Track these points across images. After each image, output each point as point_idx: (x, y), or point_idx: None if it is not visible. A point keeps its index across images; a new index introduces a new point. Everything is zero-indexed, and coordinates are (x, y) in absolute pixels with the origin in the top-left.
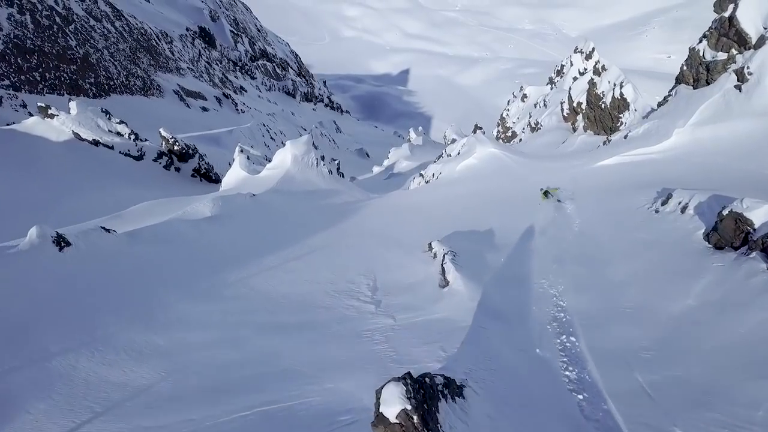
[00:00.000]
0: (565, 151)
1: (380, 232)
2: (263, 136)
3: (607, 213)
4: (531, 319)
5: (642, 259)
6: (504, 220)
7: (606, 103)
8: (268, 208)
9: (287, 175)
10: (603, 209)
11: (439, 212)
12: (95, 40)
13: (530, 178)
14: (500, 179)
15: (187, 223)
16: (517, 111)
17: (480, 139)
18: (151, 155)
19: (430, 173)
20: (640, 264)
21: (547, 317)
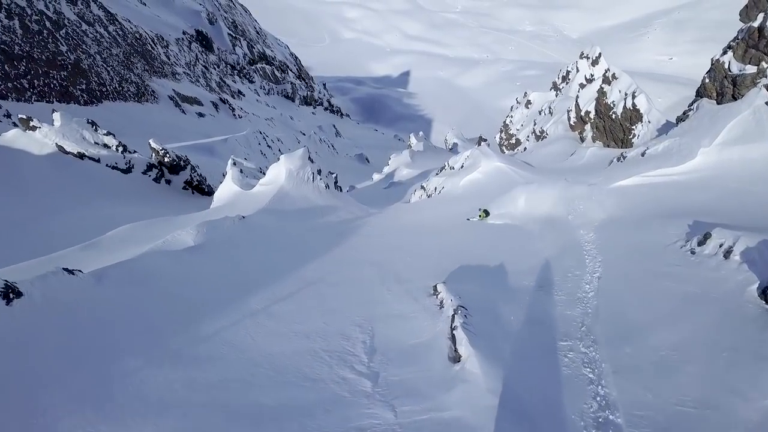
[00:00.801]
0: (574, 165)
1: (378, 261)
2: (259, 144)
3: (633, 250)
4: (566, 423)
5: (689, 323)
6: (514, 248)
7: (617, 113)
8: (257, 232)
9: (281, 191)
10: (628, 244)
11: (442, 236)
12: (87, 45)
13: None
14: (507, 196)
15: (166, 256)
16: (521, 118)
17: (485, 152)
18: (140, 168)
19: (432, 186)
20: (688, 331)
21: (587, 418)
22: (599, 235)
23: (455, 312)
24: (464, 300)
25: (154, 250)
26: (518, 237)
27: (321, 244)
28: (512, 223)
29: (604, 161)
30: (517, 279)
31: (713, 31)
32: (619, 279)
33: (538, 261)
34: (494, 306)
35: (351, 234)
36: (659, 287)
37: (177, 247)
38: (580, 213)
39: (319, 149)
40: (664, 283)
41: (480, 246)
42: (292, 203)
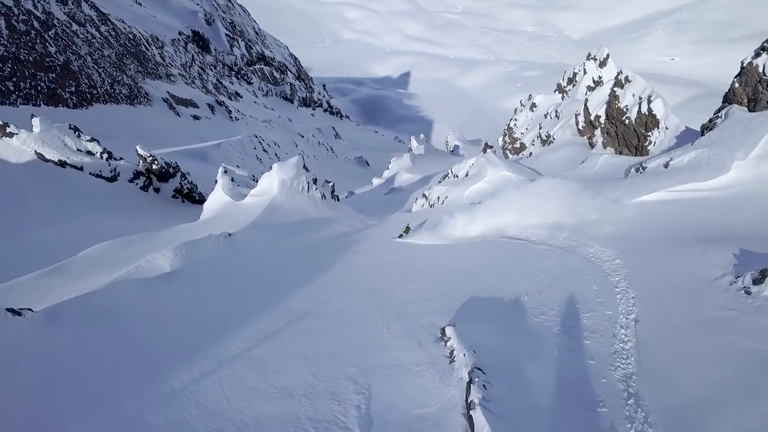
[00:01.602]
0: (586, 173)
1: (377, 286)
2: (255, 149)
3: (672, 284)
4: None
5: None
6: (526, 272)
7: (630, 118)
8: (244, 252)
9: (273, 203)
10: (664, 276)
11: (444, 255)
12: (78, 46)
13: (556, 213)
14: (516, 209)
15: (136, 286)
16: (525, 121)
17: (491, 160)
18: (126, 176)
19: (435, 196)
20: (759, 418)
21: None
22: (626, 262)
23: (471, 379)
24: (479, 353)
25: (122, 279)
26: (529, 258)
27: (314, 264)
28: (518, 240)
29: (619, 170)
30: (538, 319)
31: (715, 31)
32: (661, 326)
33: (558, 292)
34: (517, 363)
35: (347, 251)
36: (715, 342)
37: (150, 274)
38: (598, 232)
39: (318, 153)
40: (721, 337)
41: (487, 268)
42: (284, 216)
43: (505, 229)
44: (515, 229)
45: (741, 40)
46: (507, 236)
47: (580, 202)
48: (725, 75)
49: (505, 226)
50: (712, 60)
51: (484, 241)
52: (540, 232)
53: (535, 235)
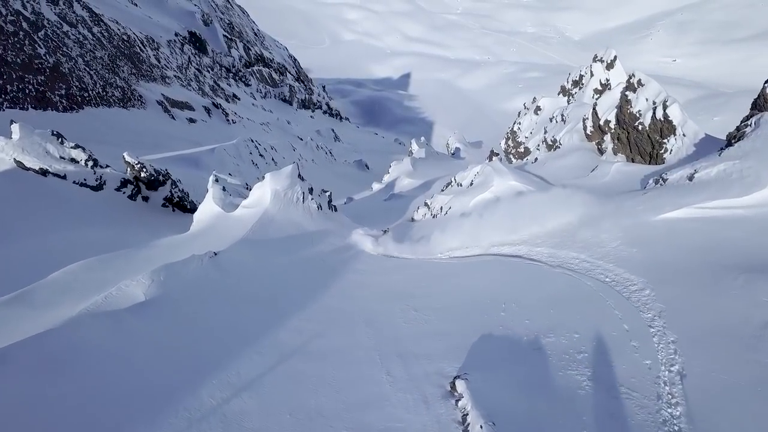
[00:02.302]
0: (597, 183)
1: (375, 316)
2: (251, 154)
3: (718, 330)
4: None
5: None
6: (544, 300)
7: (644, 124)
8: (230, 275)
9: (265, 216)
10: (706, 318)
11: (450, 280)
12: (69, 47)
13: (570, 230)
14: (526, 225)
15: (104, 321)
16: (529, 125)
17: (497, 168)
18: (113, 184)
19: (438, 205)
20: None
21: None
22: (658, 294)
23: None
24: (499, 422)
25: (89, 312)
26: (543, 284)
27: (307, 286)
28: (527, 259)
29: (635, 180)
30: (565, 369)
31: (717, 32)
32: (713, 384)
33: (583, 330)
34: None
35: (344, 270)
36: None
37: (121, 305)
38: (618, 253)
39: (316, 156)
40: None
41: (497, 295)
42: (277, 230)
43: (510, 245)
44: (521, 247)
45: (743, 41)
46: (513, 255)
47: (596, 216)
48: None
49: (509, 242)
50: (713, 61)
51: (487, 260)
52: (550, 250)
53: (545, 254)
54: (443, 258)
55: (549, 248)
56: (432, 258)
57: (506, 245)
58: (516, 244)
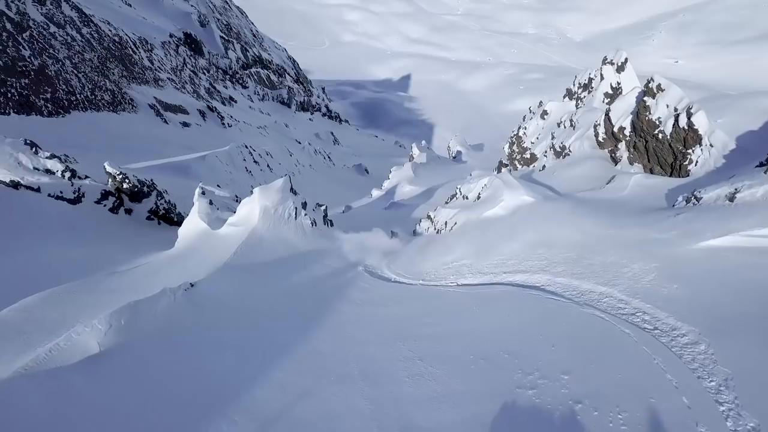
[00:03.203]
0: (615, 197)
1: (373, 367)
2: (244, 161)
3: None
4: None
5: None
6: (580, 362)
7: (665, 132)
8: (207, 312)
9: (253, 236)
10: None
11: (457, 318)
12: (55, 49)
13: (592, 255)
14: (542, 247)
15: (42, 384)
16: (535, 130)
17: (507, 181)
18: (92, 196)
19: (442, 219)
20: None
21: None
22: (718, 352)
23: None
24: None
25: (26, 373)
26: (570, 330)
27: (295, 324)
28: (545, 293)
29: (658, 196)
30: None
31: (719, 34)
32: None
33: (631, 402)
34: None
35: (338, 300)
36: None
37: (69, 359)
38: (655, 289)
39: (314, 161)
40: None
41: (514, 344)
42: (266, 251)
43: (525, 272)
44: (538, 276)
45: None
46: (531, 285)
47: (623, 240)
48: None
49: (524, 269)
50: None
51: (500, 292)
52: (573, 281)
53: (567, 287)
54: (449, 286)
55: (571, 278)
56: (437, 284)
57: (520, 272)
58: (532, 271)
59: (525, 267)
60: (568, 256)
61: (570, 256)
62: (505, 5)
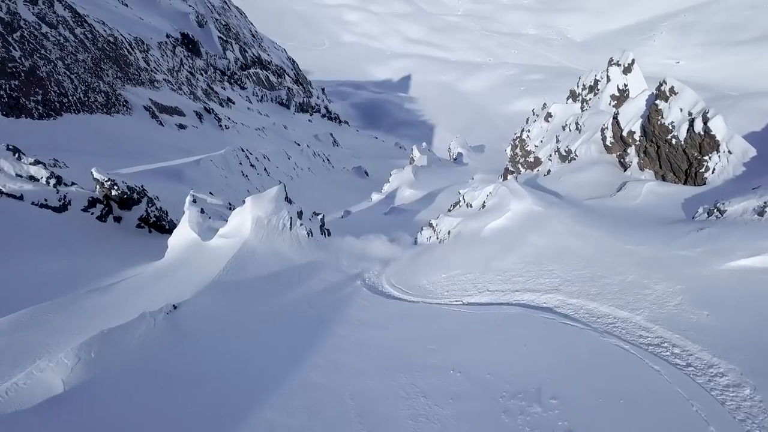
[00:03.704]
0: (628, 206)
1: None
2: (240, 164)
3: None
4: None
5: None
6: (601, 404)
7: (678, 137)
8: (189, 338)
9: (244, 249)
10: None
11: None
12: (47, 49)
13: (609, 273)
14: (554, 263)
15: None
16: (540, 132)
17: (514, 190)
18: (79, 204)
19: (444, 228)
20: None
21: None
22: (763, 392)
23: None
24: None
25: None
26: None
27: (286, 350)
28: (564, 318)
29: (674, 205)
30: None
31: (721, 34)
32: None
33: None
34: None
35: (335, 320)
36: None
37: (29, 400)
38: (682, 315)
39: (313, 164)
40: None
41: (530, 376)
42: (258, 265)
43: (535, 291)
44: (550, 296)
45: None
46: (543, 306)
47: (643, 256)
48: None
49: (534, 287)
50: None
51: (510, 315)
52: (590, 304)
53: (584, 310)
54: (454, 304)
55: (587, 300)
56: (441, 303)
57: (530, 291)
58: (543, 290)
59: (535, 285)
60: (582, 273)
61: (584, 274)
62: (506, 6)
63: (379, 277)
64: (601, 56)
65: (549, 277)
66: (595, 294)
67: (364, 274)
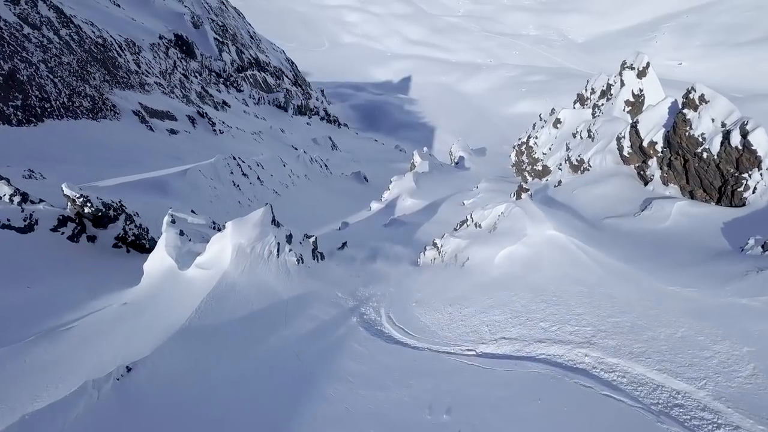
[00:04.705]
0: (657, 229)
1: None
2: (231, 174)
3: None
4: None
5: None
6: None
7: (710, 151)
8: (141, 414)
9: (223, 283)
10: None
11: (486, 419)
12: (29, 52)
13: (653, 324)
14: (582, 305)
15: None
16: (548, 139)
17: (530, 211)
18: (47, 223)
19: (450, 250)
20: None
21: None
22: None
23: None
24: None
25: None
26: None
27: (264, 422)
28: (603, 380)
29: (713, 232)
30: None
31: (723, 35)
32: None
33: None
34: None
35: (326, 376)
36: None
37: None
38: (763, 396)
39: (310, 171)
40: None
41: None
42: (238, 303)
43: (563, 343)
44: (584, 351)
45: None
46: (576, 366)
47: (688, 302)
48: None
49: (562, 337)
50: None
51: (535, 376)
52: (636, 367)
53: (629, 375)
54: (466, 355)
55: (630, 360)
56: (450, 352)
57: (557, 343)
58: (573, 342)
59: (562, 335)
60: (619, 322)
61: (621, 323)
62: (506, 6)
63: (378, 311)
64: (602, 57)
65: (578, 323)
66: (638, 352)
67: (360, 307)
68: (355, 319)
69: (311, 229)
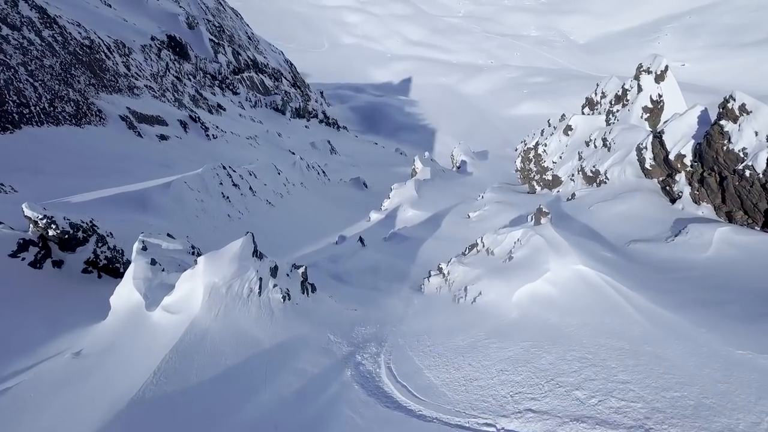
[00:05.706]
0: (697, 259)
1: None
2: (221, 184)
3: None
4: None
5: None
6: None
7: (754, 169)
8: None
9: (192, 331)
10: None
11: None
12: (7, 54)
13: (726, 406)
14: (626, 370)
15: None
16: (558, 147)
17: (552, 240)
18: (5, 248)
19: (458, 279)
20: None
21: None
22: None
23: None
24: None
25: None
26: None
27: None
28: None
29: (763, 264)
30: None
31: (726, 36)
32: None
33: None
34: None
35: None
36: None
37: None
38: None
39: (306, 179)
40: None
41: None
42: (209, 356)
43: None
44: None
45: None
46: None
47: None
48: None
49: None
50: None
51: None
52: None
53: None
54: (484, 431)
55: None
56: (464, 426)
57: (600, 424)
58: (623, 425)
59: (606, 411)
60: (680, 399)
61: (683, 401)
62: (507, 7)
63: (376, 360)
64: (604, 59)
65: (625, 397)
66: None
67: (356, 354)
68: (350, 372)
69: (306, 243)
